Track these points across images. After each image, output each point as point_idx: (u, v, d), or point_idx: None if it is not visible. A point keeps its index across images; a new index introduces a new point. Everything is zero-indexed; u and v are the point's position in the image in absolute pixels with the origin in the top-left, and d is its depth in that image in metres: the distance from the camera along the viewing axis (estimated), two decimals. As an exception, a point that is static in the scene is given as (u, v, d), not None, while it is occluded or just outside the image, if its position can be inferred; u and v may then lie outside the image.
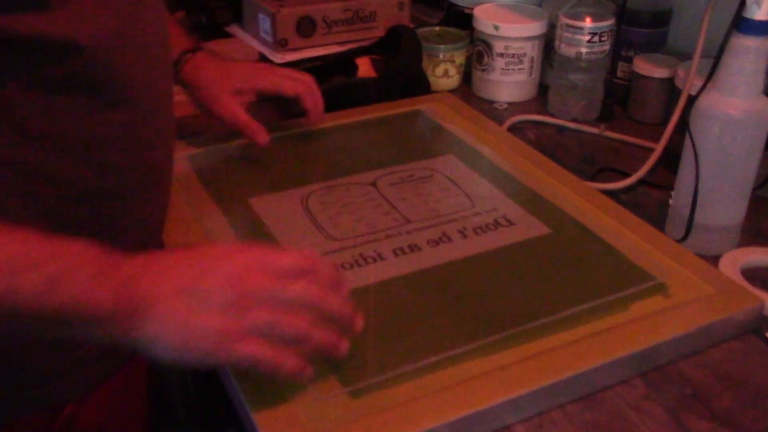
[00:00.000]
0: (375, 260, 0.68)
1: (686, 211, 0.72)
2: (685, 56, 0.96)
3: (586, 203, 0.76)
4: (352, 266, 0.67)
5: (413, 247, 0.69)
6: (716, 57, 0.68)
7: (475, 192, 0.79)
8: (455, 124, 0.92)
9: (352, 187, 0.79)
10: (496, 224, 0.73)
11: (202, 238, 0.71)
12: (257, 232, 0.72)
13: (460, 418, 0.52)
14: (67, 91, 0.53)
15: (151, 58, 0.59)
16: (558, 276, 0.67)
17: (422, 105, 0.97)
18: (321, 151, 0.88)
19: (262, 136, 0.81)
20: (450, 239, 0.71)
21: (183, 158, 0.83)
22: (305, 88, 0.85)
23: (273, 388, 0.54)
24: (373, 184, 0.80)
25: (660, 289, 0.64)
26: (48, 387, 0.60)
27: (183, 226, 0.72)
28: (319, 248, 0.69)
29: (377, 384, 0.55)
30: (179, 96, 1.01)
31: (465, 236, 0.71)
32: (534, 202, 0.77)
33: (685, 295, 0.64)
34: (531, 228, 0.73)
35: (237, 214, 0.75)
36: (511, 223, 0.73)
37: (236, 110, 0.81)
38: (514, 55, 1.03)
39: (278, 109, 1.02)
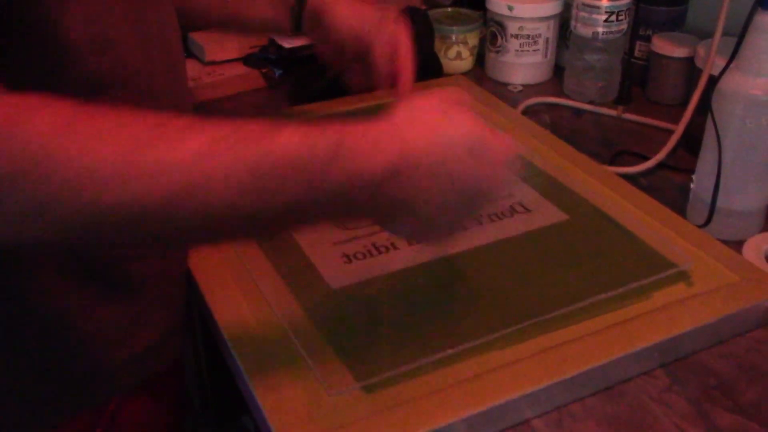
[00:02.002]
0: (388, 250, 0.66)
1: (708, 196, 0.70)
2: (705, 35, 0.93)
3: (605, 188, 0.74)
4: (365, 256, 0.65)
5: None
6: (740, 36, 0.66)
7: None
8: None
9: None
10: (512, 211, 0.71)
11: None
12: None
13: (477, 413, 0.51)
14: (98, 91, 0.52)
15: (165, 49, 0.58)
16: (576, 264, 0.65)
17: (435, 88, 0.95)
18: None
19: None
20: (465, 227, 0.69)
21: None
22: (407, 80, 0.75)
23: (285, 383, 0.53)
24: None
25: (682, 277, 0.62)
26: (96, 385, 0.60)
27: None
28: (330, 237, 0.68)
29: (391, 379, 0.53)
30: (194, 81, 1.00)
31: (480, 223, 0.69)
32: (551, 188, 0.75)
33: (709, 283, 0.62)
34: (548, 215, 0.71)
35: None
36: (527, 209, 0.72)
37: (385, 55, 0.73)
38: (528, 35, 1.00)
39: (289, 95, 1.00)
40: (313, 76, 0.97)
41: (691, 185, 0.73)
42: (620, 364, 0.55)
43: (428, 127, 0.48)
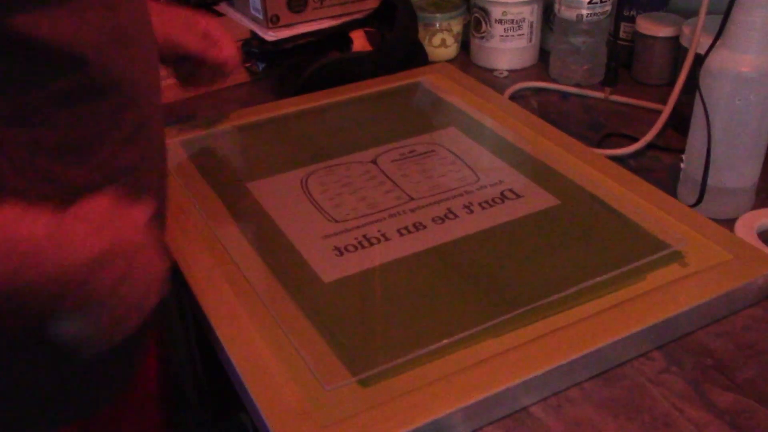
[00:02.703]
0: (379, 241, 0.66)
1: (699, 175, 0.69)
2: (689, 13, 0.93)
3: (594, 171, 0.74)
4: (356, 248, 0.65)
5: (418, 226, 0.67)
6: (725, 13, 0.65)
7: (479, 165, 0.76)
8: (455, 94, 0.90)
9: (353, 165, 0.77)
10: (503, 197, 0.71)
11: (200, 225, 0.68)
12: (256, 217, 0.70)
13: (475, 402, 0.50)
14: (80, 98, 0.51)
15: (143, 50, 0.57)
16: (569, 249, 0.64)
17: (420, 77, 0.95)
18: (318, 130, 0.86)
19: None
20: (456, 215, 0.68)
21: (177, 144, 0.81)
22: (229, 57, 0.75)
23: (280, 379, 0.52)
24: (374, 161, 0.77)
25: (676, 257, 0.62)
26: (79, 399, 0.59)
27: (180, 213, 0.70)
28: (320, 231, 0.67)
29: (387, 371, 0.53)
30: (167, 80, 0.98)
31: (471, 211, 0.69)
32: (540, 173, 0.74)
33: (703, 263, 0.61)
34: (539, 200, 0.70)
35: (235, 199, 0.72)
36: (518, 195, 0.71)
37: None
38: (512, 20, 1.00)
39: (274, 88, 1.00)
40: (297, 69, 0.96)
41: (682, 165, 0.73)
42: (617, 347, 0.55)
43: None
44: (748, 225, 0.68)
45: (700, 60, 0.68)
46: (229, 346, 0.55)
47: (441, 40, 1.04)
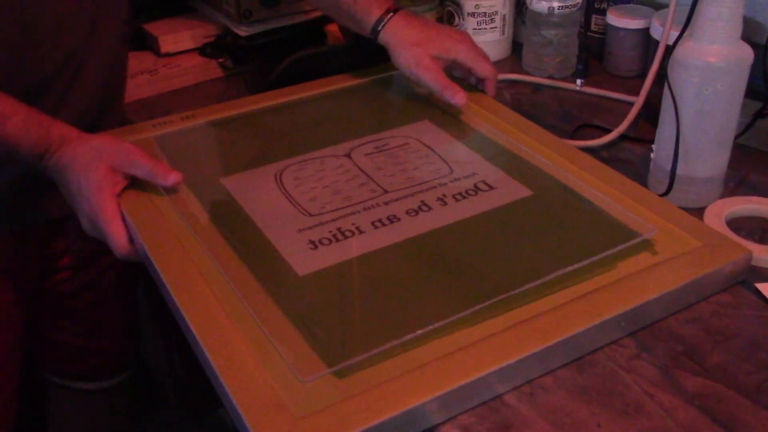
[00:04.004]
0: (354, 234, 0.66)
1: (668, 165, 0.70)
2: (659, 5, 0.94)
3: (566, 162, 0.74)
4: (330, 242, 0.65)
5: (392, 218, 0.67)
6: (692, 4, 0.66)
7: (452, 157, 0.77)
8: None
9: (327, 159, 0.77)
10: (476, 189, 0.71)
11: (175, 221, 0.68)
12: (231, 213, 0.70)
13: (450, 390, 0.51)
14: None
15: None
16: (542, 239, 0.65)
17: (394, 70, 0.95)
18: (292, 124, 0.85)
19: (461, 97, 0.81)
20: (429, 208, 0.69)
21: (150, 140, 0.81)
22: (493, 74, 0.85)
23: (256, 373, 0.52)
24: (348, 155, 0.77)
25: (646, 245, 0.63)
26: None
27: (155, 210, 0.69)
28: (295, 225, 0.67)
29: (363, 362, 0.53)
30: (141, 77, 0.98)
31: (445, 203, 0.69)
32: (514, 164, 0.75)
33: (672, 251, 0.62)
34: (512, 191, 0.71)
35: (209, 194, 0.72)
36: (491, 187, 0.72)
37: (439, 73, 0.82)
38: (485, 13, 1.00)
39: (247, 83, 0.99)
40: (271, 64, 0.96)
41: (652, 155, 0.74)
42: (588, 334, 0.56)
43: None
44: (717, 213, 0.70)
45: (670, 51, 0.69)
46: (204, 340, 0.55)
47: (415, 34, 1.04)
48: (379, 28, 0.84)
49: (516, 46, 1.05)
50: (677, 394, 0.53)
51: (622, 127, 0.83)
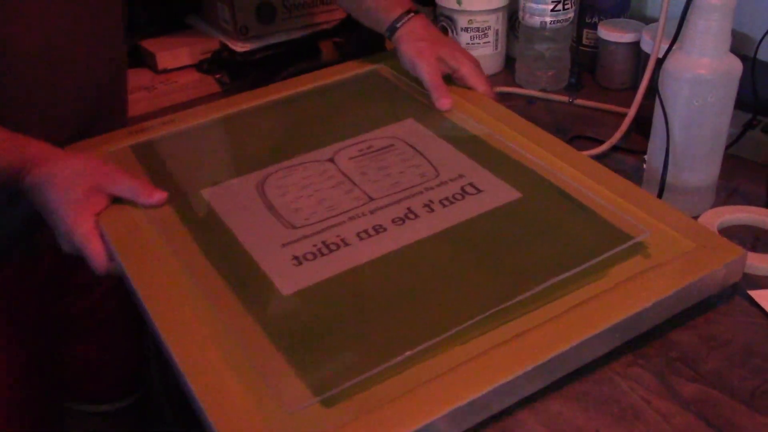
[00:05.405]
0: (339, 247, 0.63)
1: (660, 174, 0.71)
2: (649, 20, 0.96)
3: (556, 159, 0.71)
4: (315, 256, 0.62)
5: (378, 228, 0.65)
6: (681, 17, 0.68)
7: (438, 158, 0.73)
8: (412, 81, 0.86)
9: (310, 165, 0.74)
10: (464, 193, 0.68)
11: (154, 238, 0.65)
12: (212, 228, 0.67)
13: (444, 415, 0.49)
14: None
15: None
16: (532, 246, 0.63)
17: (377, 64, 0.92)
18: (273, 127, 0.82)
19: (446, 102, 0.81)
20: (416, 215, 0.66)
21: (126, 150, 0.78)
22: (490, 94, 0.85)
23: (239, 402, 0.50)
24: (332, 159, 0.74)
25: (639, 248, 0.61)
26: None
27: (135, 228, 0.66)
28: (278, 239, 0.64)
29: (350, 389, 0.50)
30: (139, 93, 0.99)
31: (432, 210, 0.66)
32: (501, 164, 0.72)
33: (666, 253, 0.60)
34: (500, 194, 0.68)
35: (190, 208, 0.69)
36: (479, 190, 0.69)
37: (436, 71, 0.83)
38: (478, 28, 1.02)
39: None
40: (267, 80, 0.97)
41: (644, 165, 0.75)
42: (583, 347, 0.54)
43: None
44: (709, 222, 0.71)
45: (660, 64, 0.70)
46: (184, 365, 0.53)
47: (409, 49, 1.06)
48: (398, 25, 0.85)
49: (509, 61, 1.07)
50: (674, 400, 0.54)
51: (615, 139, 0.84)
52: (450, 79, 0.85)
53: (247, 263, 0.62)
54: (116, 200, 0.69)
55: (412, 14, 0.86)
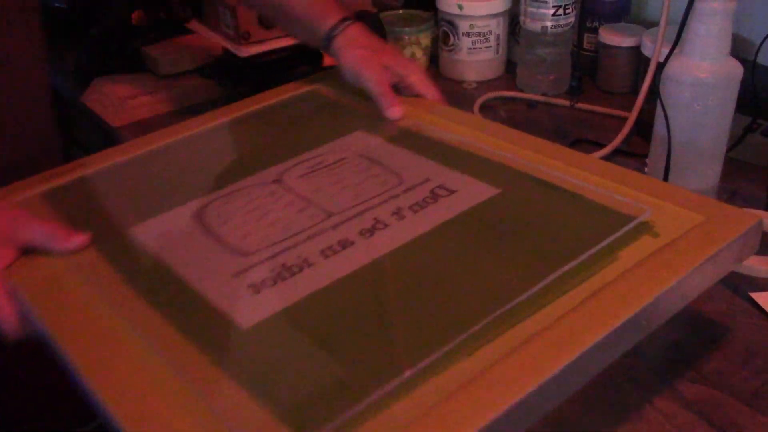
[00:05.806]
0: (302, 268, 0.55)
1: (661, 177, 0.72)
2: (649, 24, 0.96)
3: (533, 153, 0.66)
4: (275, 282, 0.54)
5: (344, 243, 0.57)
6: (682, 21, 0.68)
7: (399, 165, 0.67)
8: (356, 95, 0.80)
9: (254, 189, 0.66)
10: (434, 196, 0.62)
11: (82, 290, 0.55)
12: (148, 268, 0.58)
13: None
14: None
15: None
16: (525, 239, 0.56)
17: (315, 84, 0.87)
18: (207, 154, 0.74)
19: (396, 111, 0.75)
20: (385, 224, 0.59)
21: (34, 199, 0.68)
22: (441, 101, 0.80)
23: None
24: (278, 180, 0.67)
25: (644, 229, 0.55)
26: None
27: (51, 278, 0.57)
28: (228, 269, 0.55)
29: (341, 426, 0.42)
30: (141, 98, 0.99)
31: (402, 217, 0.59)
32: (471, 163, 0.66)
33: (675, 230, 0.54)
34: (476, 192, 0.61)
35: (118, 249, 0.60)
36: (451, 191, 0.62)
37: (384, 79, 0.77)
38: (479, 33, 1.02)
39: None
40: (269, 84, 0.97)
41: (645, 169, 0.76)
42: (608, 341, 0.46)
43: None
44: (711, 225, 0.71)
45: (661, 68, 0.71)
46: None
47: (410, 54, 1.06)
48: (335, 33, 0.79)
49: (510, 65, 1.07)
50: (676, 400, 0.54)
51: (616, 142, 0.84)
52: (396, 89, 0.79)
53: (195, 301, 0.53)
54: (30, 251, 0.59)
55: (349, 21, 0.80)
